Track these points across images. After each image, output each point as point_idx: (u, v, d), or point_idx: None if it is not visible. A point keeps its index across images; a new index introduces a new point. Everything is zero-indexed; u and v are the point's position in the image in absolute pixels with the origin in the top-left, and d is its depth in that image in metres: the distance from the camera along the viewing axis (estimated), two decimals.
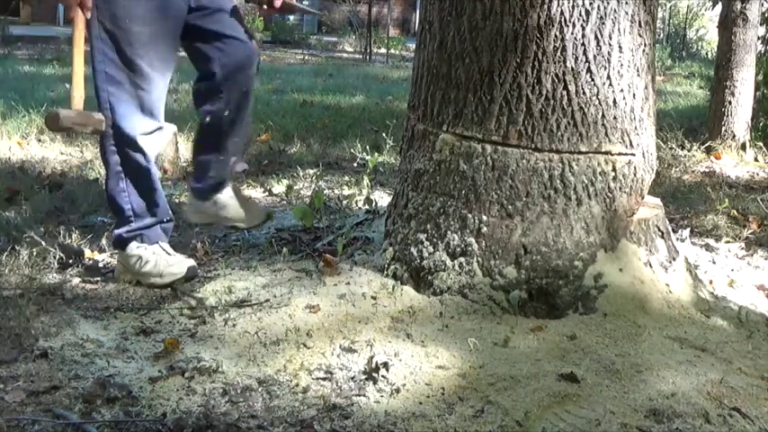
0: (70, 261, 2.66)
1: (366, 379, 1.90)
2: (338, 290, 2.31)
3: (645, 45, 2.32)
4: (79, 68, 2.37)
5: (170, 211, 2.64)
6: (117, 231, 2.55)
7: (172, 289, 2.44)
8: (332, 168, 4.32)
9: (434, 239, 2.33)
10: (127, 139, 2.43)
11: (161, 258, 2.51)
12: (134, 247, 2.51)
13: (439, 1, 2.36)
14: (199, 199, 2.71)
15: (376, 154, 4.06)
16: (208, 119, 2.54)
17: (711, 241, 3.27)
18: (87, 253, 2.75)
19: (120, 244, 2.55)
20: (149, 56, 2.40)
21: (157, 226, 2.57)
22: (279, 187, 3.82)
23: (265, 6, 2.53)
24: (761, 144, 5.19)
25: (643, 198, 2.39)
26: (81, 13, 2.31)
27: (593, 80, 2.24)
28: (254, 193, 3.70)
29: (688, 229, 3.38)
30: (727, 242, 3.24)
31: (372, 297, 2.28)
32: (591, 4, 2.21)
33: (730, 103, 5.24)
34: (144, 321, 2.23)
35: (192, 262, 2.56)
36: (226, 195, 2.68)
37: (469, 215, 2.29)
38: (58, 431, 1.67)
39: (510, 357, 2.02)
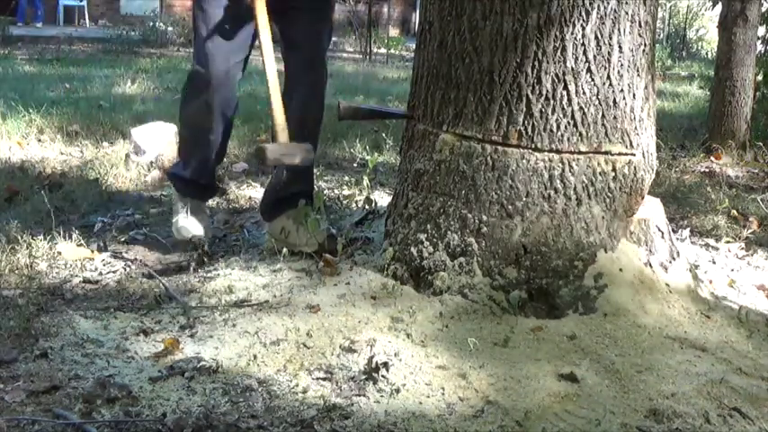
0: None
1: (366, 379, 1.90)
2: (338, 290, 2.31)
3: (645, 45, 2.32)
4: (276, 93, 2.42)
5: (215, 181, 2.78)
6: (172, 168, 2.78)
7: (167, 290, 2.44)
8: (332, 168, 4.32)
9: (434, 239, 2.33)
10: (197, 60, 2.61)
11: (182, 215, 2.68)
12: (174, 191, 2.74)
13: (439, 1, 2.36)
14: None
15: (376, 154, 4.06)
16: None
17: (711, 241, 3.27)
18: (87, 252, 2.75)
19: (169, 179, 2.83)
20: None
21: (191, 183, 2.71)
22: None
23: (361, 121, 2.56)
24: (761, 144, 5.19)
25: (643, 198, 2.39)
26: (262, 16, 2.38)
27: (593, 80, 2.24)
28: (255, 192, 3.70)
29: (688, 229, 3.38)
30: (728, 242, 3.24)
31: (372, 297, 2.28)
32: (591, 4, 2.21)
33: (730, 103, 5.24)
34: (144, 321, 2.23)
35: (200, 231, 2.70)
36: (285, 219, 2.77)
37: (469, 215, 2.29)
38: (58, 431, 1.68)
39: (510, 357, 2.02)
